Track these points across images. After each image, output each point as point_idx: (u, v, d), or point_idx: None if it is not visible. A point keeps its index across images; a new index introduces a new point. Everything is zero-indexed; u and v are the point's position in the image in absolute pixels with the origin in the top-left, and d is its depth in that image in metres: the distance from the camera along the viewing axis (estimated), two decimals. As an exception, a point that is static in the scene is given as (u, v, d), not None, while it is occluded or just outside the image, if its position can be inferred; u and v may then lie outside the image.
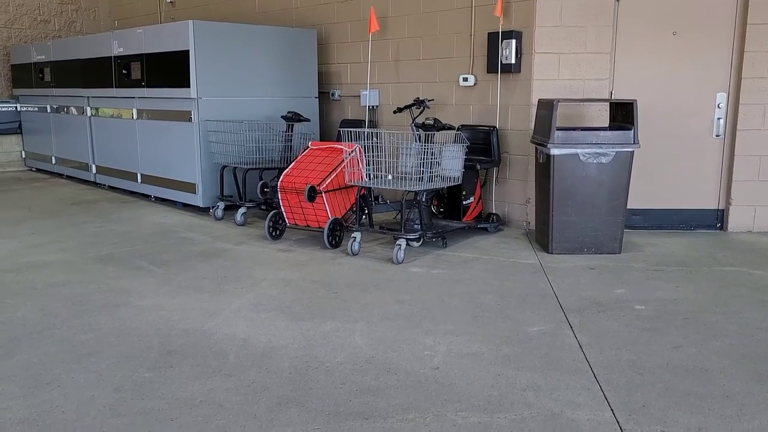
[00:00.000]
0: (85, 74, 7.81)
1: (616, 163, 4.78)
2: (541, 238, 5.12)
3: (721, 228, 5.71)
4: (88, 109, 7.92)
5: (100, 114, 7.74)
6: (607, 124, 5.44)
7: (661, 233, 5.61)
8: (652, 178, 5.68)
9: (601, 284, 4.19)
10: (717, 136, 5.60)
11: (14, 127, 9.64)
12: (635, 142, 4.76)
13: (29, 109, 9.41)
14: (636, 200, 5.65)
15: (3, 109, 9.52)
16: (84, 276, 4.39)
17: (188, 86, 6.17)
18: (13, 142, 9.70)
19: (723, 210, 5.69)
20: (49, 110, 8.87)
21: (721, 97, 5.54)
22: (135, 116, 7.08)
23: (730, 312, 3.69)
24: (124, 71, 7.05)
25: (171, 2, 9.43)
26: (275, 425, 2.47)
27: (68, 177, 8.86)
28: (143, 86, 6.80)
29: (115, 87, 7.26)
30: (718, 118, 5.57)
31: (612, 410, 2.57)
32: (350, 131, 5.92)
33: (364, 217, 5.27)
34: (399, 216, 5.39)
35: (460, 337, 3.32)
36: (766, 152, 5.53)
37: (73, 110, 8.27)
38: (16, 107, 9.60)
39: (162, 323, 3.52)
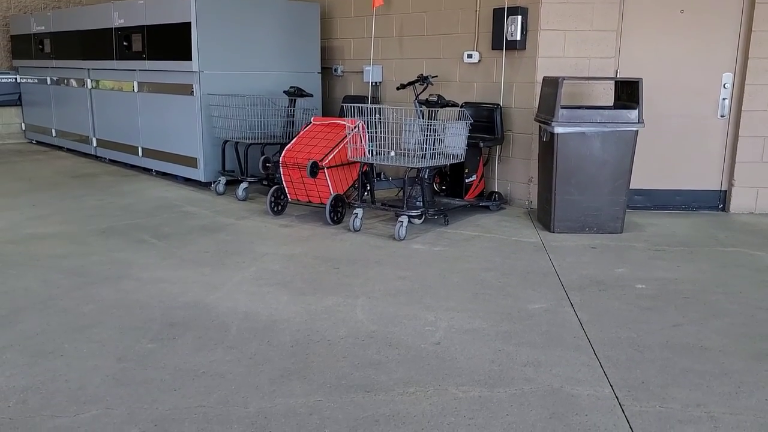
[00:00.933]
0: (86, 46, 7.74)
1: (620, 143, 4.76)
2: (543, 216, 5.12)
3: (723, 209, 5.70)
4: (89, 81, 7.87)
5: (100, 86, 7.69)
6: (612, 103, 5.40)
7: (663, 213, 5.61)
8: (655, 158, 5.66)
9: (603, 263, 4.20)
10: (722, 116, 5.56)
11: (14, 98, 9.57)
12: (640, 121, 4.73)
13: (29, 80, 9.34)
14: (639, 180, 5.64)
15: (2, 81, 9.45)
16: (86, 248, 4.39)
17: (190, 59, 6.12)
18: (13, 114, 9.65)
19: (726, 191, 5.68)
20: (49, 82, 8.80)
21: (727, 77, 5.50)
22: (136, 89, 7.03)
23: (730, 292, 3.70)
24: (124, 43, 6.98)
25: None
26: (277, 396, 2.49)
27: (68, 150, 8.83)
28: (144, 59, 6.74)
29: (116, 59, 7.20)
30: (724, 99, 5.53)
31: (611, 386, 2.59)
32: (353, 107, 5.88)
33: (366, 193, 5.26)
34: (401, 193, 5.38)
35: (461, 313, 3.33)
36: (771, 134, 5.50)
37: (74, 82, 8.21)
38: (15, 79, 9.53)
39: (164, 296, 3.53)
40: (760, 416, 2.38)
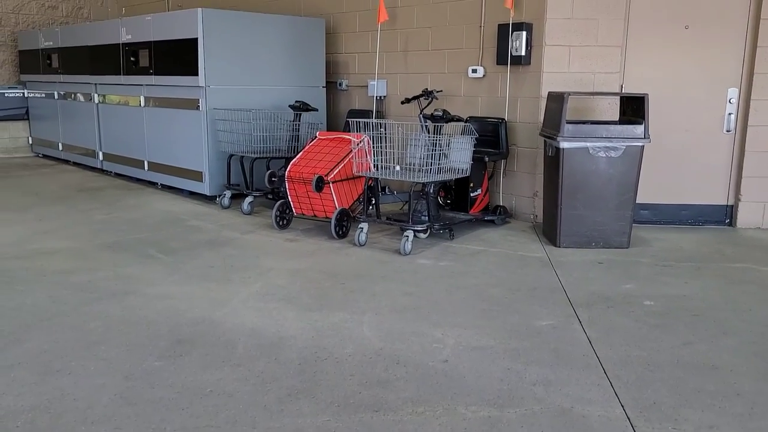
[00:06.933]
0: (93, 61, 7.79)
1: (626, 158, 4.76)
2: (549, 231, 5.10)
3: (730, 224, 5.68)
4: (96, 96, 7.91)
5: (107, 101, 7.73)
6: (617, 118, 5.40)
7: (669, 228, 5.59)
8: (661, 172, 5.65)
9: (610, 279, 4.18)
10: (728, 131, 5.56)
11: (21, 113, 9.63)
12: (646, 136, 4.73)
13: (36, 95, 9.40)
14: (645, 195, 5.63)
15: (10, 95, 9.51)
16: (92, 263, 4.40)
17: (196, 74, 6.15)
18: (20, 128, 9.69)
19: (732, 206, 5.66)
20: (56, 96, 8.85)
21: (733, 92, 5.50)
22: (143, 104, 7.06)
23: (739, 309, 3.68)
24: (132, 58, 7.02)
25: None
26: (285, 415, 2.47)
27: (75, 164, 8.86)
28: (151, 74, 6.78)
29: (123, 74, 7.24)
30: (729, 114, 5.53)
31: (623, 407, 2.57)
32: (358, 121, 5.90)
33: (371, 207, 5.26)
34: (406, 207, 5.38)
35: (468, 330, 3.32)
36: (777, 148, 5.49)
37: (81, 97, 8.25)
38: (23, 93, 9.59)
39: (171, 312, 3.52)
40: (772, 437, 2.36)
